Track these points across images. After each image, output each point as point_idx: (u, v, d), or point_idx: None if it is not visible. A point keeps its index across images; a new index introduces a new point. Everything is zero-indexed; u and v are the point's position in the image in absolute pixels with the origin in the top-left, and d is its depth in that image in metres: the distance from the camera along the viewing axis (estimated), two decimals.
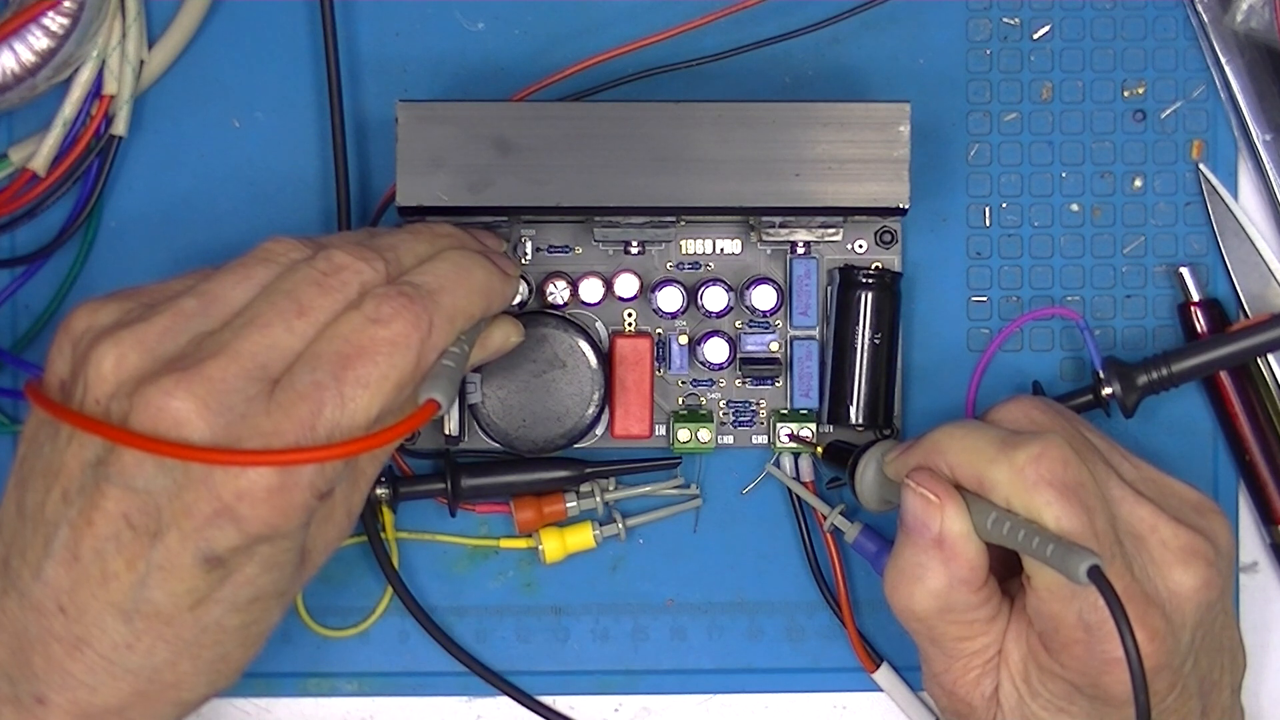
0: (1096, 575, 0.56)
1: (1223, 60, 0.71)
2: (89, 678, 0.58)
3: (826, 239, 0.69)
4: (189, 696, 0.59)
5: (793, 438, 0.69)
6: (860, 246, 0.70)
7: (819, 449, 0.69)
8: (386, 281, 0.60)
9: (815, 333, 0.70)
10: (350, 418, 0.57)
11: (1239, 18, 0.70)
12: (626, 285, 0.69)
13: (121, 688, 0.58)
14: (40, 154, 0.68)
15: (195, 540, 0.56)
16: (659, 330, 0.70)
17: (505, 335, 0.65)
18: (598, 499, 0.71)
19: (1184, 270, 0.71)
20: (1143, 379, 0.69)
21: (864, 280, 0.68)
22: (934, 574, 0.62)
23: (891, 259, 0.70)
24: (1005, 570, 0.64)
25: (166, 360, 0.57)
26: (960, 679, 0.64)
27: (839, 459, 0.68)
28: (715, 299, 0.69)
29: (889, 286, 0.68)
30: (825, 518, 0.70)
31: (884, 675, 0.71)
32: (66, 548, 0.57)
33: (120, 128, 0.69)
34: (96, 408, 0.57)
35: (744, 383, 0.70)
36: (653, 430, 0.69)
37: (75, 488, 0.57)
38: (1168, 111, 0.72)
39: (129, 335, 0.57)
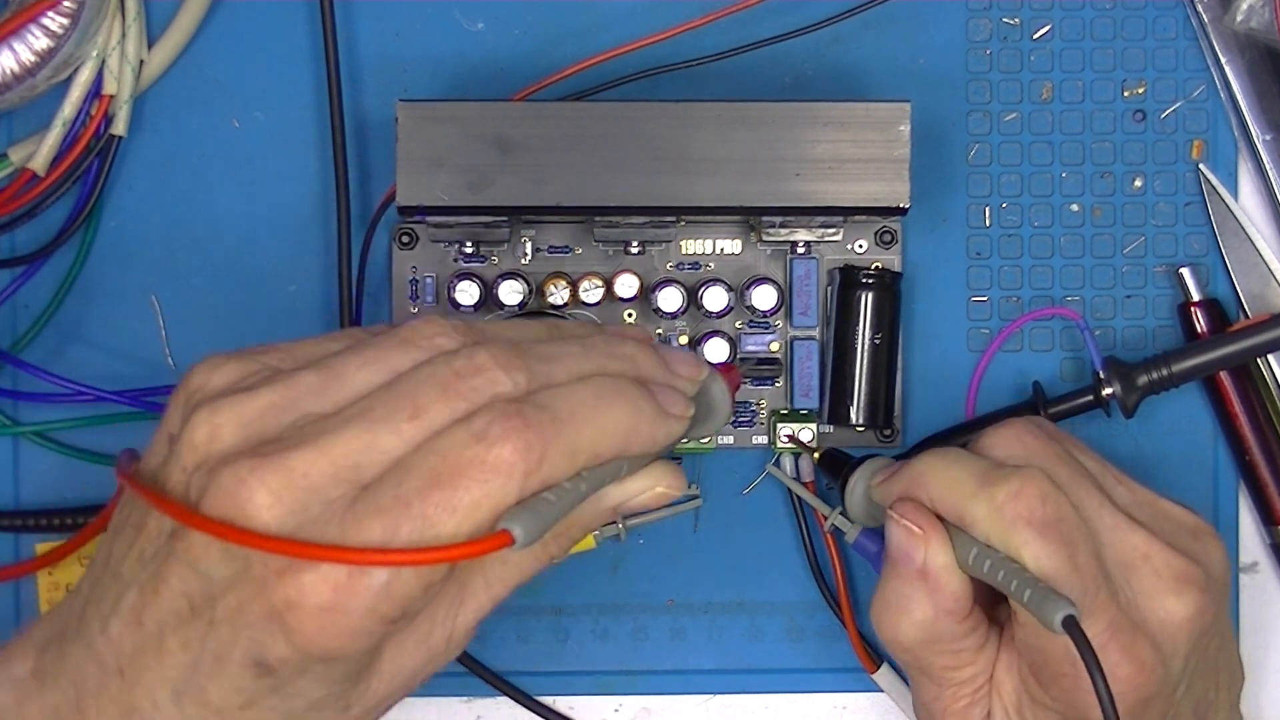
0: (1071, 625, 0.55)
1: (1223, 60, 0.71)
2: None
3: (826, 239, 0.69)
4: None
5: (791, 440, 0.69)
6: (860, 246, 0.70)
7: (817, 454, 0.69)
8: (524, 395, 0.54)
9: (815, 333, 0.70)
10: (431, 542, 0.51)
11: (1239, 18, 0.70)
12: (626, 285, 0.69)
13: None
14: (40, 154, 0.68)
15: (246, 641, 0.53)
16: (659, 330, 0.70)
17: (648, 486, 0.57)
18: None
19: (1184, 270, 0.71)
20: (1143, 379, 0.69)
21: (864, 280, 0.68)
22: (919, 605, 0.61)
23: (891, 259, 0.70)
24: (994, 595, 0.63)
25: (261, 439, 0.53)
26: (950, 707, 0.63)
27: (833, 470, 0.68)
28: (715, 299, 0.69)
29: (889, 286, 0.68)
30: (825, 518, 0.70)
31: (884, 676, 0.71)
32: (133, 610, 0.54)
33: (120, 128, 0.69)
34: (181, 476, 0.54)
35: (744, 383, 0.70)
36: None
37: (150, 552, 0.54)
38: (1168, 111, 0.72)
39: (228, 406, 0.53)
